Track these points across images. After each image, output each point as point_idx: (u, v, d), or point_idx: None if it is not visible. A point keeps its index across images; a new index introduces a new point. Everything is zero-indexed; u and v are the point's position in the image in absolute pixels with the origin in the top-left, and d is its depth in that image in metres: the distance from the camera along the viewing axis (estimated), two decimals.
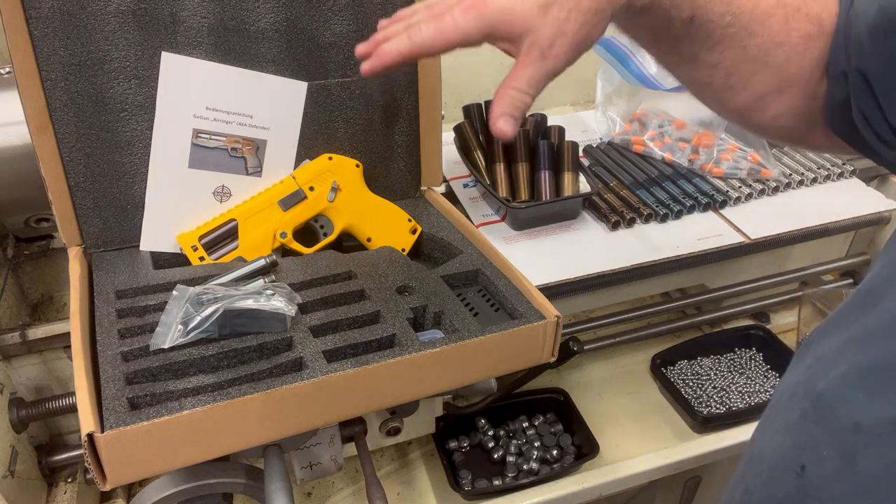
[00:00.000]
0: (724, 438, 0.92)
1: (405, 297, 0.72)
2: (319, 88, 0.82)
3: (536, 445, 0.93)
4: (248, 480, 0.69)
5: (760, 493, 0.46)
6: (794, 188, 1.08)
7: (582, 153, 1.14)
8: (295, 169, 0.84)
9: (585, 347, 1.03)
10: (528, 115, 1.11)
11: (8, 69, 0.83)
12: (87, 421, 0.53)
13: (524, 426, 0.97)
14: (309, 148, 0.84)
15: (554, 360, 0.70)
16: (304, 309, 0.69)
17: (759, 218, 1.01)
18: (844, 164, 1.10)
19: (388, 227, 0.84)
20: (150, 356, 0.62)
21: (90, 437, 0.52)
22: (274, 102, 0.80)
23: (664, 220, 1.01)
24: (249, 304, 0.61)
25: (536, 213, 0.98)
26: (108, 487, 0.54)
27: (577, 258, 0.93)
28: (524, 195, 1.00)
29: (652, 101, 1.15)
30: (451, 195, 1.06)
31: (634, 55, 1.10)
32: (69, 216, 0.76)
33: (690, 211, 1.02)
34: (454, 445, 0.94)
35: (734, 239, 0.97)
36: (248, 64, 0.78)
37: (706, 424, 0.95)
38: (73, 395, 0.83)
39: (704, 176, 1.07)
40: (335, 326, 0.68)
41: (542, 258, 0.93)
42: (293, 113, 0.81)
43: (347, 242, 0.86)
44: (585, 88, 1.37)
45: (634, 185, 1.06)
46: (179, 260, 0.79)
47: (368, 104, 0.84)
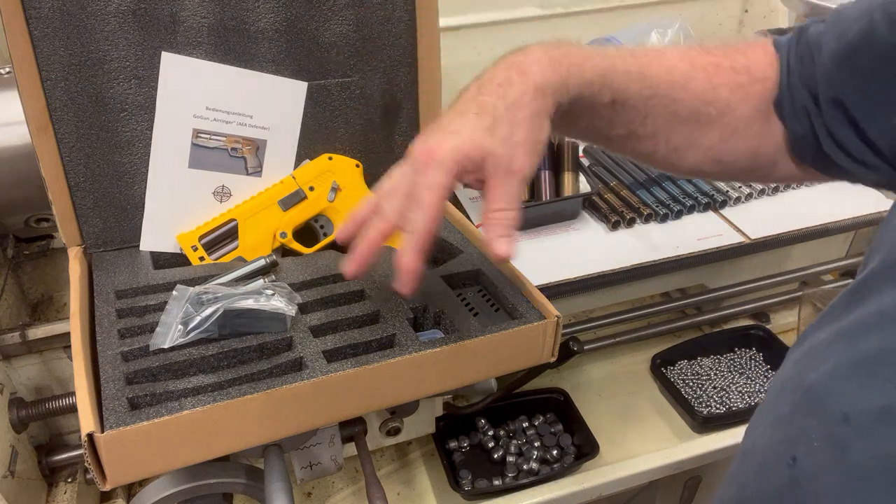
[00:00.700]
0: (724, 438, 0.92)
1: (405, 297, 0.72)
2: (319, 88, 0.82)
3: (536, 445, 0.93)
4: (248, 480, 0.69)
5: (753, 486, 0.46)
6: (794, 188, 1.08)
7: (582, 153, 1.14)
8: (295, 169, 0.84)
9: (585, 347, 1.03)
10: None
11: (8, 69, 0.83)
12: (87, 421, 0.53)
13: (524, 426, 0.97)
14: (309, 148, 0.84)
15: (554, 359, 0.70)
16: (304, 309, 0.69)
17: (759, 218, 1.01)
18: None
19: None
20: (150, 356, 0.62)
21: (90, 437, 0.52)
22: (274, 102, 0.80)
23: (664, 220, 1.01)
24: (249, 303, 0.61)
25: (536, 213, 0.98)
26: (108, 487, 0.54)
27: (577, 258, 0.93)
28: (524, 195, 1.00)
29: None
30: (450, 195, 1.06)
31: None
32: (69, 216, 0.76)
33: (690, 211, 1.02)
34: (454, 445, 0.94)
35: (734, 239, 0.97)
36: (248, 64, 0.78)
37: (706, 424, 0.95)
38: (73, 395, 0.83)
39: None
40: (335, 326, 0.68)
41: (542, 258, 0.93)
42: (293, 113, 0.81)
43: None
44: None
45: (634, 185, 1.06)
46: (179, 260, 0.79)
47: (368, 104, 0.84)
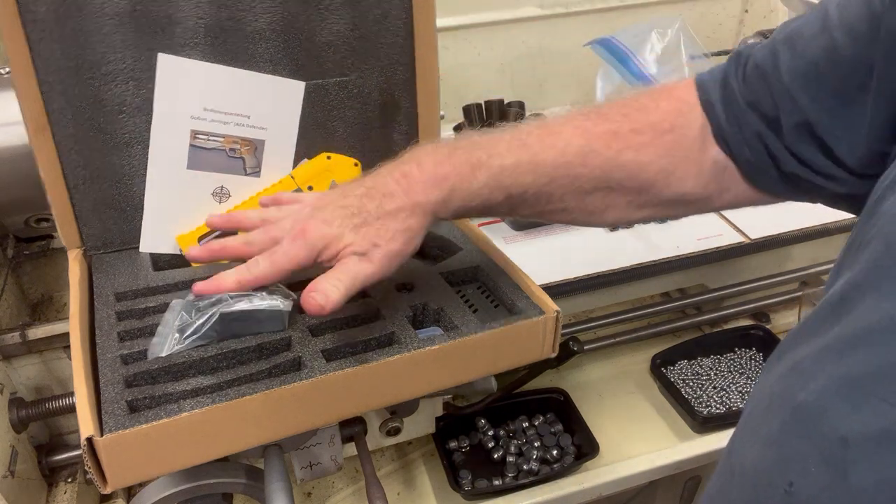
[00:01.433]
0: (724, 438, 0.91)
1: (404, 294, 0.72)
2: (317, 88, 0.82)
3: (536, 445, 0.93)
4: (248, 480, 0.69)
5: (746, 498, 0.45)
6: None
7: None
8: (293, 169, 0.84)
9: (585, 347, 1.03)
10: (528, 115, 1.11)
11: (7, 69, 0.83)
12: (86, 425, 0.53)
13: (524, 426, 0.96)
14: (307, 147, 0.84)
15: (554, 355, 0.70)
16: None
17: (759, 218, 1.01)
18: None
19: None
20: (149, 359, 0.62)
21: (90, 441, 0.52)
22: (271, 102, 0.80)
23: (664, 220, 1.01)
24: (244, 305, 0.61)
25: None
26: (108, 490, 0.54)
27: (577, 258, 0.93)
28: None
29: None
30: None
31: (634, 55, 1.11)
32: (68, 218, 0.76)
33: None
34: (454, 445, 0.94)
35: (734, 239, 0.97)
36: (245, 64, 0.78)
37: (706, 424, 0.95)
38: (73, 395, 0.83)
39: None
40: (334, 325, 0.67)
41: (542, 258, 0.93)
42: (291, 113, 0.81)
43: None
44: (585, 88, 1.36)
45: None
46: (179, 261, 0.79)
47: (367, 103, 0.84)
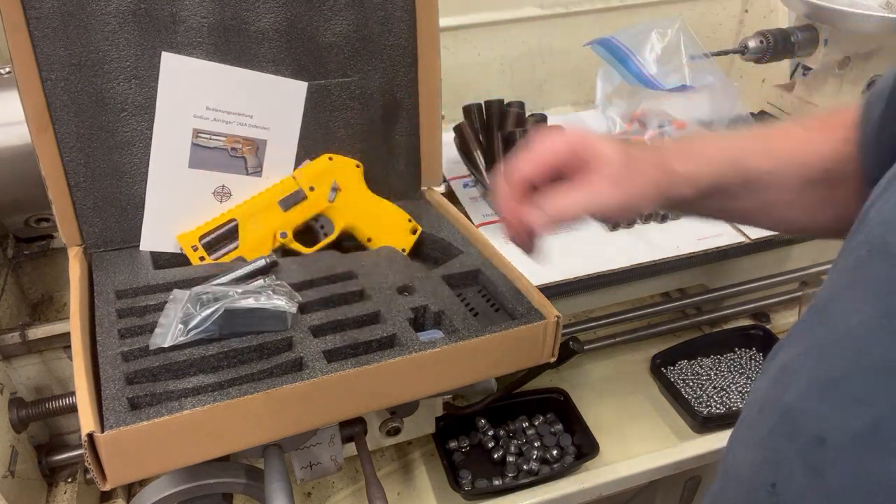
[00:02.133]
0: (724, 438, 0.91)
1: (405, 297, 0.72)
2: (319, 88, 0.82)
3: (536, 445, 0.93)
4: (248, 480, 0.69)
5: (737, 499, 0.46)
6: None
7: None
8: (295, 169, 0.84)
9: (585, 347, 1.03)
10: (528, 115, 1.11)
11: (8, 69, 0.83)
12: (87, 421, 0.53)
13: (524, 426, 0.96)
14: (309, 148, 0.84)
15: (554, 360, 0.70)
16: (304, 309, 0.69)
17: None
18: None
19: (388, 227, 0.84)
20: (150, 356, 0.62)
21: (90, 436, 0.52)
22: (274, 102, 0.80)
23: (664, 220, 1.01)
24: (250, 303, 0.61)
25: None
26: (108, 487, 0.54)
27: (577, 258, 0.93)
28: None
29: (652, 101, 1.15)
30: (451, 195, 1.06)
31: (634, 55, 1.11)
32: (69, 216, 0.76)
33: None
34: (454, 445, 0.94)
35: (734, 239, 0.97)
36: (248, 64, 0.78)
37: (706, 424, 0.95)
38: (73, 395, 0.83)
39: None
40: (335, 326, 0.68)
41: None
42: (293, 113, 0.81)
43: (347, 242, 0.86)
44: (585, 88, 1.37)
45: None
46: (180, 260, 0.79)
47: (368, 104, 0.84)
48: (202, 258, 0.78)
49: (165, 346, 0.61)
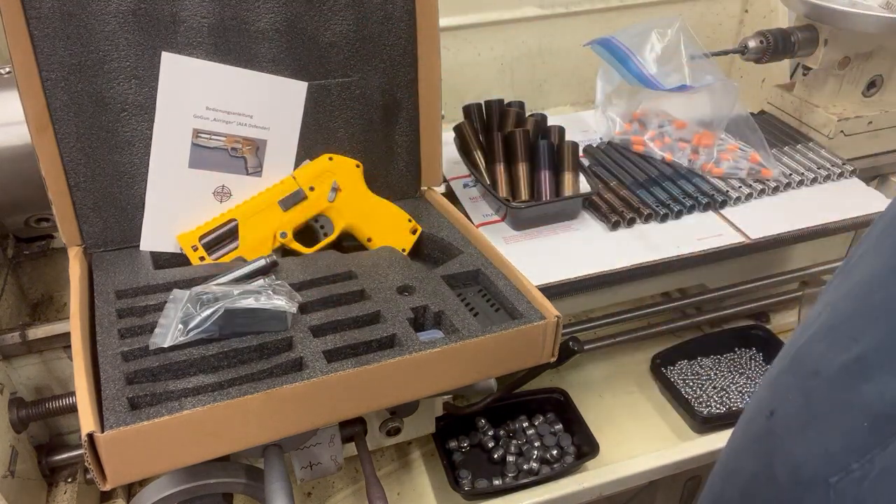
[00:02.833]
0: (724, 438, 0.91)
1: (405, 297, 0.72)
2: (319, 88, 0.82)
3: (536, 445, 0.93)
4: (248, 480, 0.69)
5: (739, 432, 0.51)
6: (794, 188, 1.08)
7: (582, 153, 1.14)
8: (295, 169, 0.84)
9: (585, 347, 1.03)
10: (528, 115, 1.11)
11: (8, 69, 0.83)
12: (87, 421, 0.53)
13: (524, 426, 0.97)
14: (309, 148, 0.84)
15: (554, 360, 0.70)
16: (304, 309, 0.69)
17: (759, 218, 1.01)
18: (844, 164, 1.10)
19: (388, 227, 0.84)
20: (150, 356, 0.62)
21: (90, 436, 0.52)
22: (274, 102, 0.80)
23: (664, 220, 1.01)
24: (250, 303, 0.61)
25: (536, 213, 0.98)
26: (108, 487, 0.54)
27: (577, 258, 0.93)
28: (524, 195, 1.00)
29: (652, 101, 1.15)
30: (451, 195, 1.06)
31: (634, 55, 1.10)
32: (69, 216, 0.76)
33: (690, 211, 1.02)
34: (454, 445, 0.94)
35: (734, 239, 0.97)
36: (248, 64, 0.78)
37: (706, 424, 0.95)
38: (73, 395, 0.83)
39: (704, 176, 1.07)
40: (335, 326, 0.68)
41: (542, 258, 0.93)
42: (293, 113, 0.81)
43: (347, 242, 0.86)
44: (585, 88, 1.37)
45: (634, 185, 1.05)
46: (180, 260, 0.79)
47: (368, 104, 0.84)
48: (202, 258, 0.78)
49: (165, 346, 0.61)
